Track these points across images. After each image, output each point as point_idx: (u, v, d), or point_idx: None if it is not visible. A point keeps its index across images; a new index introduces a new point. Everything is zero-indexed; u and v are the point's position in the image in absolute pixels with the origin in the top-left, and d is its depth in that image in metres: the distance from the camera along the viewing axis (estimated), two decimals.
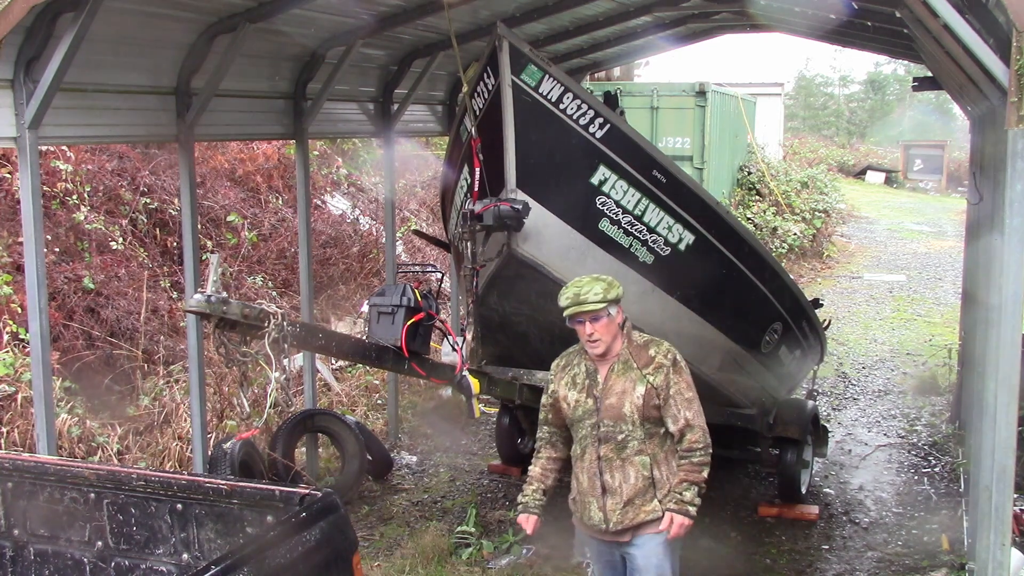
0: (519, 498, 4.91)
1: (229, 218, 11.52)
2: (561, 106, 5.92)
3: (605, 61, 12.98)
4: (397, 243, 12.43)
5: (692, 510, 4.52)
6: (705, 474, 4.55)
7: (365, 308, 9.41)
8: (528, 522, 4.80)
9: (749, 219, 19.78)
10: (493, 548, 7.26)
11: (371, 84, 9.38)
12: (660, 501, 4.55)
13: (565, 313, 4.57)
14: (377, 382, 10.56)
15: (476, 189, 6.02)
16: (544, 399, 4.85)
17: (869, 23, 8.24)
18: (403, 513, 8.05)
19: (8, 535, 4.48)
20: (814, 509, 7.97)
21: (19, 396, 7.66)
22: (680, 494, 4.52)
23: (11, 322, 8.18)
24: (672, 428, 4.55)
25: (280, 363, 5.31)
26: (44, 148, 9.28)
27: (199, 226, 8.57)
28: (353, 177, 14.90)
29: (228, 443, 7.12)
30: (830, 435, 9.05)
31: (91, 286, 9.09)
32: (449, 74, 10.47)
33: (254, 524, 4.03)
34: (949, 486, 8.55)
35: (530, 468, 4.92)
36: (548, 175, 6.01)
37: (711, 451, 4.56)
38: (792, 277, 9.04)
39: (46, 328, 5.88)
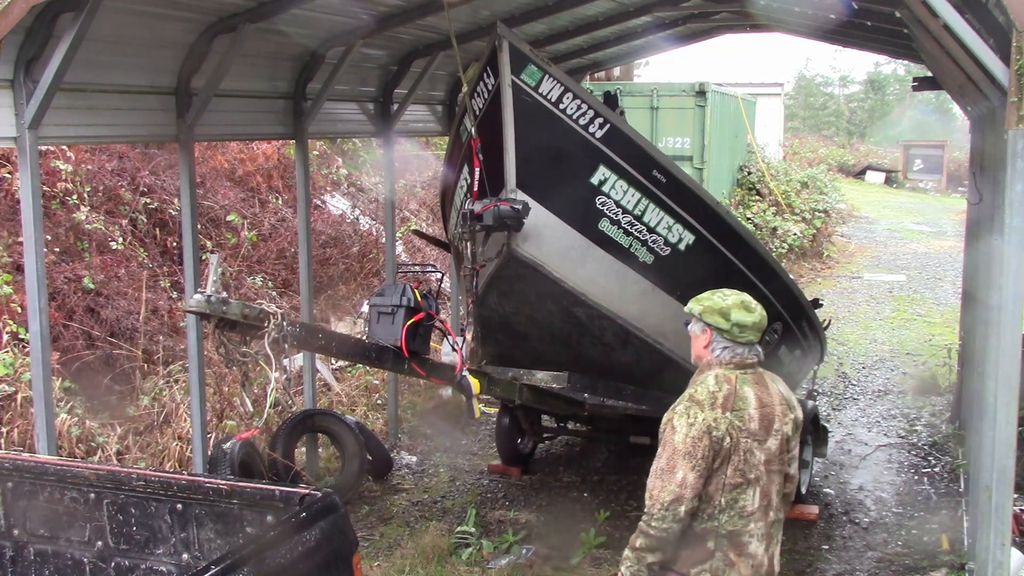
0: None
1: (229, 218, 11.51)
2: (561, 106, 5.92)
3: (605, 61, 12.99)
4: (397, 243, 12.43)
5: (623, 569, 3.96)
6: (639, 543, 3.87)
7: (365, 308, 9.39)
8: None
9: (749, 219, 19.77)
10: (493, 548, 7.26)
11: (371, 84, 9.38)
12: None
13: None
14: (377, 382, 10.56)
15: (476, 189, 6.02)
16: None
17: (869, 23, 8.25)
18: (403, 513, 8.05)
19: (8, 535, 4.48)
20: (814, 509, 7.97)
21: (19, 396, 7.66)
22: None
23: (11, 322, 8.18)
24: None
25: (280, 363, 5.31)
26: (44, 148, 9.28)
27: (199, 226, 8.56)
28: (353, 177, 14.89)
29: (228, 443, 7.12)
30: (830, 435, 9.05)
31: (91, 286, 9.08)
32: (449, 74, 10.47)
33: (254, 524, 4.04)
34: (949, 486, 8.55)
35: None
36: (548, 175, 6.01)
37: (656, 525, 3.84)
38: (792, 277, 9.04)
39: (46, 328, 5.88)
